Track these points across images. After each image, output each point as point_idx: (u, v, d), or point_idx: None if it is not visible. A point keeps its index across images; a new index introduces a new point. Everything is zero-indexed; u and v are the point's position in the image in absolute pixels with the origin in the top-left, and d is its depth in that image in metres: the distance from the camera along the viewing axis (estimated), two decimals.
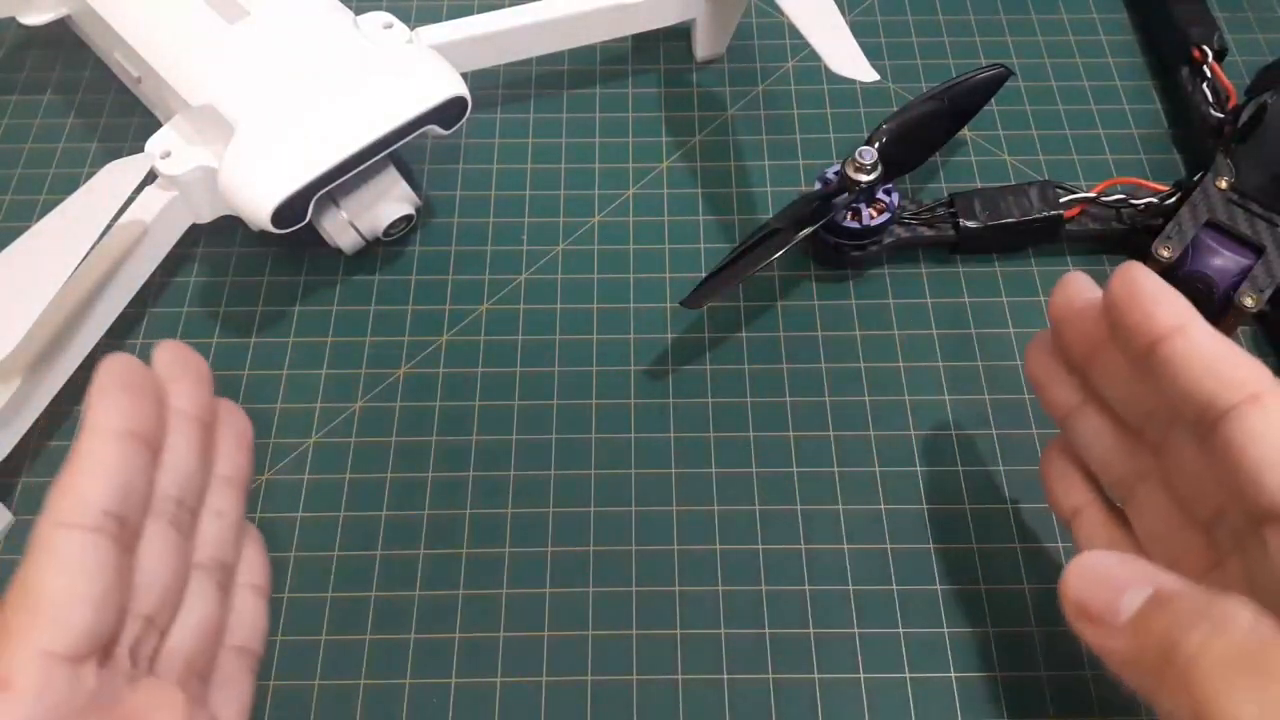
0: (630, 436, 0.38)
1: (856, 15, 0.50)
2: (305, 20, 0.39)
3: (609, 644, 0.34)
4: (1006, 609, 0.34)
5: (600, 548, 0.36)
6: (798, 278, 0.41)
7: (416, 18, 0.49)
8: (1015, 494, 0.36)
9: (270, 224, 0.35)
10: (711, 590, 0.35)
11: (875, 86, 0.47)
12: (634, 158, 0.45)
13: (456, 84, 0.38)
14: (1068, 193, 0.41)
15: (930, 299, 0.41)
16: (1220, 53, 0.44)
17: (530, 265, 0.42)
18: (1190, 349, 0.25)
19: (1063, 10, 0.50)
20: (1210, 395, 0.24)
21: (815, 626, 0.34)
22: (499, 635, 0.34)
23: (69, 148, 0.45)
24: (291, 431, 0.38)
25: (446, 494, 0.37)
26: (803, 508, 0.36)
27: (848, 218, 0.39)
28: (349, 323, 0.41)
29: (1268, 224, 0.37)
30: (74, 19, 0.44)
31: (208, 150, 0.37)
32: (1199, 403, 0.24)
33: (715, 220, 0.43)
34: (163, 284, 0.41)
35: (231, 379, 0.39)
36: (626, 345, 0.40)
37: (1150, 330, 0.25)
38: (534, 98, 0.47)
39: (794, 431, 0.38)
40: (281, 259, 0.42)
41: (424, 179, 0.44)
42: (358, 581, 0.35)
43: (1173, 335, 0.25)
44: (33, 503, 0.37)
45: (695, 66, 0.48)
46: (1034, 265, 0.42)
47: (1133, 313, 0.26)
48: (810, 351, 0.40)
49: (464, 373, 0.39)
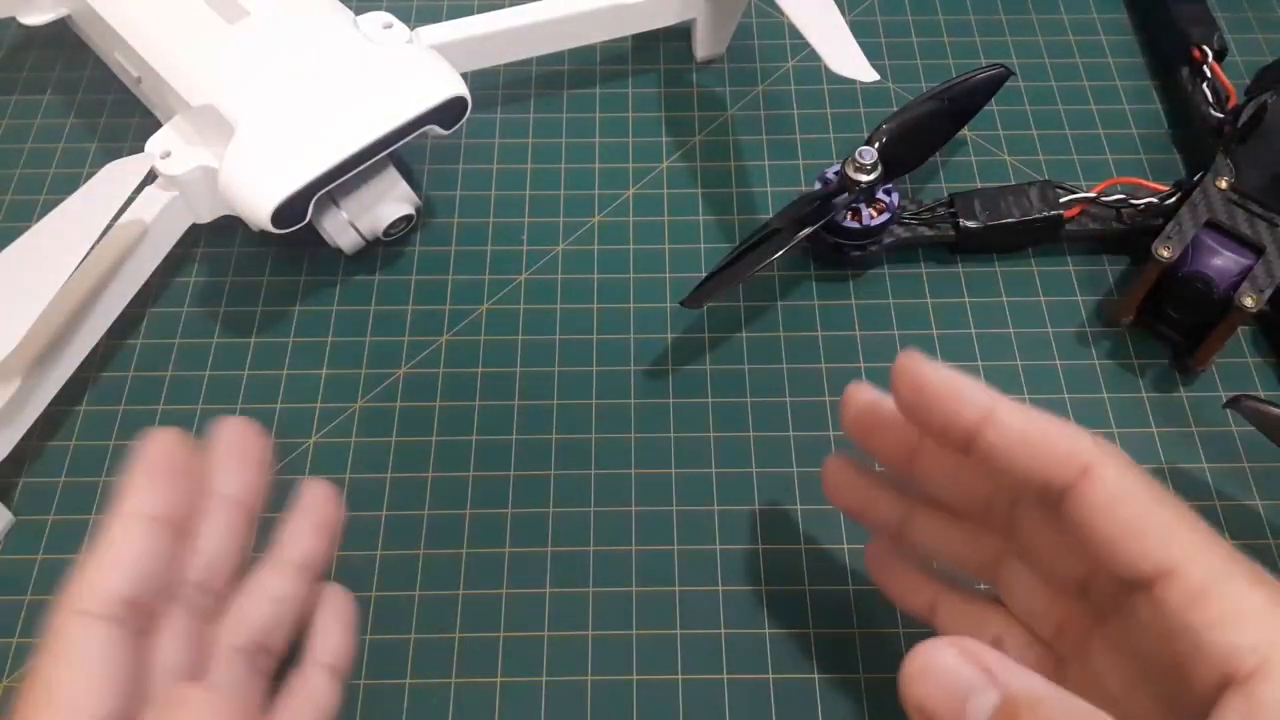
0: (630, 436, 0.38)
1: (856, 15, 0.50)
2: (305, 20, 0.39)
3: (609, 644, 0.34)
4: None
5: (600, 548, 0.36)
6: (798, 278, 0.41)
7: (416, 18, 0.49)
8: None
9: (270, 224, 0.35)
10: (711, 590, 0.35)
11: (875, 86, 0.47)
12: (634, 158, 0.45)
13: (456, 84, 0.38)
14: (1068, 193, 0.41)
15: (930, 299, 0.41)
16: (1220, 53, 0.44)
17: (530, 265, 0.42)
18: (1006, 435, 0.23)
19: (1063, 10, 0.50)
20: (1043, 477, 0.23)
21: (815, 626, 0.34)
22: (499, 635, 0.34)
23: (69, 148, 0.45)
24: (291, 431, 0.38)
25: (446, 494, 0.37)
26: (803, 508, 0.36)
27: (848, 218, 0.39)
28: (349, 323, 0.41)
29: (1268, 224, 0.37)
30: (74, 19, 0.44)
31: (208, 150, 0.37)
32: (1035, 485, 0.24)
33: (715, 220, 0.43)
34: (163, 284, 0.41)
35: (231, 379, 0.39)
36: (626, 345, 0.40)
37: (960, 426, 0.24)
38: (534, 98, 0.47)
39: (794, 431, 0.38)
40: (281, 259, 0.42)
41: (424, 179, 0.44)
42: (358, 581, 0.35)
43: (983, 426, 0.24)
44: (33, 503, 0.37)
45: (695, 66, 0.48)
46: (1034, 265, 0.42)
47: (934, 413, 0.24)
48: (810, 351, 0.40)
49: (464, 373, 0.39)
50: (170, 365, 0.39)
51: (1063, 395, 0.39)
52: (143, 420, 0.38)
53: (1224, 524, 0.36)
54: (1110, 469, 0.23)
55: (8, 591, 0.35)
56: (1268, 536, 0.36)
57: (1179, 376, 0.39)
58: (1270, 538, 0.36)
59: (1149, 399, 0.39)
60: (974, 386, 0.24)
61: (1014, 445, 0.24)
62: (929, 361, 0.25)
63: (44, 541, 0.36)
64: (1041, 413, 0.24)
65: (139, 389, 0.39)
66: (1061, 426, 0.24)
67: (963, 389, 0.24)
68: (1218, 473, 0.37)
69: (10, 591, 0.35)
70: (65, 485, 0.37)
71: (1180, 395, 0.39)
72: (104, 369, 0.39)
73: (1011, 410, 0.24)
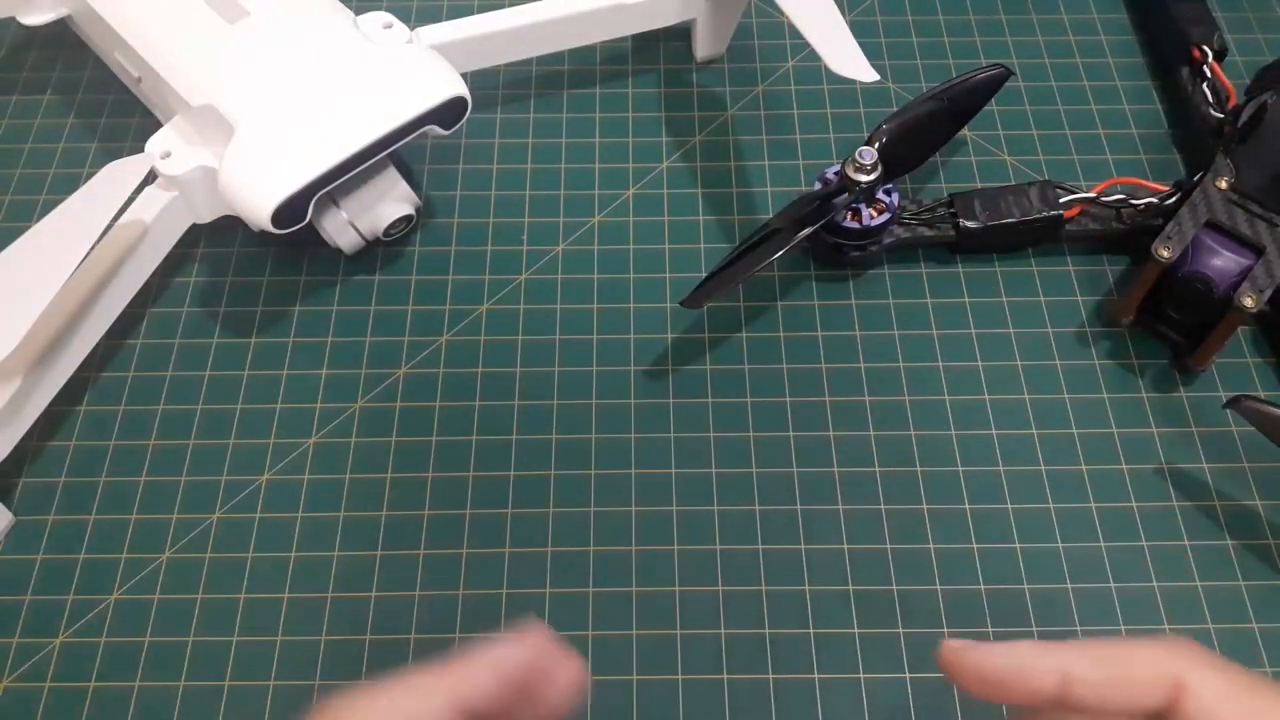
0: (630, 436, 0.38)
1: (856, 15, 0.50)
2: (305, 20, 0.39)
3: (609, 644, 0.34)
4: (1006, 608, 0.34)
5: (600, 548, 0.36)
6: (798, 278, 0.41)
7: (416, 18, 0.49)
8: (1015, 494, 0.36)
9: (270, 224, 0.35)
10: (711, 590, 0.35)
11: (875, 86, 0.47)
12: (634, 158, 0.45)
13: (456, 84, 0.38)
14: (1068, 193, 0.41)
15: (930, 299, 0.41)
16: (1220, 53, 0.44)
17: (530, 265, 0.42)
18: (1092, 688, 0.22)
19: (1063, 10, 0.50)
20: (1141, 707, 0.22)
21: (815, 626, 0.34)
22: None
23: (69, 148, 0.45)
24: (291, 431, 0.38)
25: (446, 494, 0.37)
26: (803, 508, 0.36)
27: (848, 218, 0.39)
28: (349, 323, 0.41)
29: (1268, 224, 0.37)
30: (74, 19, 0.44)
31: (208, 150, 0.37)
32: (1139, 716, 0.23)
33: (715, 220, 0.43)
34: (163, 284, 0.41)
35: (231, 379, 0.39)
36: (626, 345, 0.40)
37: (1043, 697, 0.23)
38: (534, 98, 0.47)
39: (794, 431, 0.38)
40: (281, 259, 0.42)
41: (424, 179, 0.44)
42: (358, 581, 0.35)
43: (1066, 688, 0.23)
44: (33, 503, 0.37)
45: (695, 66, 0.48)
46: (1034, 265, 0.42)
47: (1012, 694, 0.23)
48: (810, 351, 0.40)
49: (464, 373, 0.39)
50: (170, 365, 0.39)
51: (1063, 395, 0.39)
52: (143, 420, 0.38)
53: (1224, 524, 0.36)
54: (1202, 678, 0.22)
55: (8, 591, 0.35)
56: (1268, 536, 0.36)
57: (1179, 376, 0.39)
58: (1270, 538, 0.36)
59: (1149, 399, 0.39)
60: (1036, 653, 0.23)
61: (1102, 692, 0.23)
62: (973, 646, 0.24)
63: (44, 541, 0.36)
64: (1118, 643, 0.23)
65: (139, 389, 0.39)
66: (1142, 651, 0.23)
67: (1026, 663, 0.23)
68: (1218, 473, 0.37)
69: (10, 591, 0.35)
70: (65, 485, 0.37)
71: (1180, 395, 0.39)
72: (104, 369, 0.39)
73: (1086, 660, 0.23)
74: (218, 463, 0.37)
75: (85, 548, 0.36)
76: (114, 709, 0.33)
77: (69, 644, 0.34)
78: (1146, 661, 0.23)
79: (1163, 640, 0.23)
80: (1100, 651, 0.23)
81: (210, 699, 0.33)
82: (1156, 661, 0.23)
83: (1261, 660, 0.33)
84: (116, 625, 0.34)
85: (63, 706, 0.33)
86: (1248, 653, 0.33)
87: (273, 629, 0.34)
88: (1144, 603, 0.34)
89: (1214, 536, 0.36)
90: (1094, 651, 0.23)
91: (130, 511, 0.36)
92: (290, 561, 0.35)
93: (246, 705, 0.33)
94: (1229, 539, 0.36)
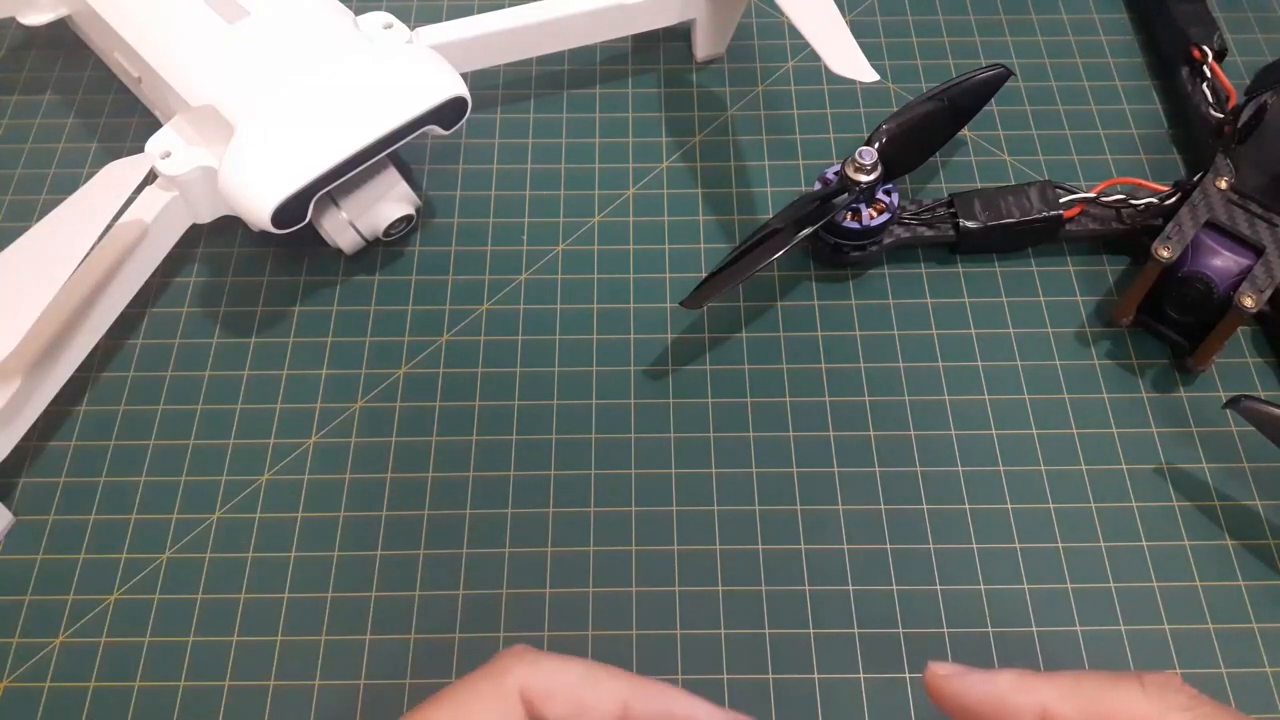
0: (630, 436, 0.38)
1: (856, 15, 0.50)
2: (305, 20, 0.39)
3: (609, 644, 0.34)
4: (1005, 608, 0.34)
5: (600, 548, 0.36)
6: (798, 278, 0.41)
7: (416, 18, 0.49)
8: (1015, 494, 0.36)
9: (270, 224, 0.35)
10: (711, 590, 0.35)
11: (875, 86, 0.47)
12: (634, 158, 0.45)
13: (456, 84, 0.38)
14: (1068, 193, 0.41)
15: (930, 299, 0.41)
16: (1220, 53, 0.44)
17: (530, 265, 0.42)
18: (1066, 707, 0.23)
19: (1063, 10, 0.50)
20: None
21: (815, 626, 0.34)
22: (499, 635, 0.34)
23: (69, 148, 0.45)
24: (291, 431, 0.38)
25: (446, 494, 0.37)
26: (803, 508, 0.36)
27: (848, 218, 0.39)
28: (349, 323, 0.41)
29: (1268, 224, 0.37)
30: (74, 19, 0.44)
31: (208, 150, 0.37)
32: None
33: (715, 220, 0.43)
34: (163, 284, 0.41)
35: (231, 379, 0.39)
36: (626, 345, 0.40)
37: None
38: (534, 98, 0.47)
39: (794, 431, 0.38)
40: (281, 259, 0.42)
41: (424, 179, 0.44)
42: (358, 581, 0.35)
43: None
44: (33, 503, 0.37)
45: (695, 66, 0.48)
46: (1034, 265, 0.42)
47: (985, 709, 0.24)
48: (810, 351, 0.40)
49: (464, 373, 0.39)
50: (170, 365, 0.39)
51: (1063, 395, 0.39)
52: (143, 420, 0.38)
53: (1224, 524, 0.36)
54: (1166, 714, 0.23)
55: (8, 591, 0.35)
56: (1268, 536, 0.36)
57: (1179, 376, 0.39)
58: (1270, 538, 0.36)
59: (1149, 399, 0.39)
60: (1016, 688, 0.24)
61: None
62: (956, 674, 0.24)
63: (44, 541, 0.36)
64: (1099, 679, 0.24)
65: (139, 389, 0.39)
66: (1119, 690, 0.23)
67: (1007, 698, 0.24)
68: (1218, 473, 0.37)
69: (10, 591, 0.35)
70: (65, 485, 0.37)
71: (1180, 395, 0.39)
72: (104, 369, 0.39)
73: (1059, 694, 0.23)
74: (218, 463, 0.37)
75: (85, 548, 0.36)
76: (114, 709, 0.33)
77: (69, 644, 0.34)
78: (1123, 700, 0.23)
79: (1143, 678, 0.23)
80: (1079, 689, 0.24)
81: (210, 699, 0.33)
82: (1132, 701, 0.23)
83: (1261, 660, 0.33)
84: (116, 625, 0.34)
85: (63, 706, 0.33)
86: (1248, 653, 0.33)
87: (273, 629, 0.34)
88: (1144, 603, 0.34)
89: (1214, 536, 0.36)
90: (1073, 688, 0.24)
91: (130, 511, 0.36)
92: (290, 561, 0.35)
93: (246, 705, 0.33)
94: (1229, 539, 0.36)
